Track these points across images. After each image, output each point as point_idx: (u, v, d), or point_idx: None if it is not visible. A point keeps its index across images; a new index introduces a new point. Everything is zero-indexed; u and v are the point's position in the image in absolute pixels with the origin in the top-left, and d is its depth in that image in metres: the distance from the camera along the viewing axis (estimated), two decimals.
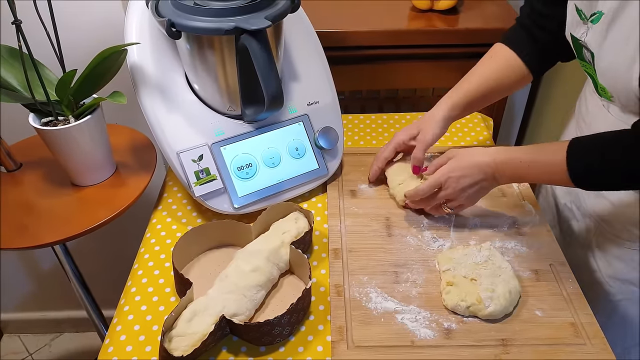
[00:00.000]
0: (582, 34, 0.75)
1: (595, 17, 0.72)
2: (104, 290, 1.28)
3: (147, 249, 0.87)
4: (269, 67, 0.77)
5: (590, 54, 0.75)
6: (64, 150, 0.88)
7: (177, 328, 0.68)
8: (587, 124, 0.87)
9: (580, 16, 0.75)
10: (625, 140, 0.69)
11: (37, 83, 0.83)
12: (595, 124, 0.85)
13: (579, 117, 0.92)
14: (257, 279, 0.75)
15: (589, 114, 0.87)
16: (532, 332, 0.71)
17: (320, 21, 1.04)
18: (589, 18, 0.73)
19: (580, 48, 0.78)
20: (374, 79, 1.27)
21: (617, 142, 0.70)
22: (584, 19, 0.74)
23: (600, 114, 0.83)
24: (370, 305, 0.75)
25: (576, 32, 0.77)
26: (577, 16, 0.76)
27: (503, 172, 0.78)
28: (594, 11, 0.72)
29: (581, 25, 0.75)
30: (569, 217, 0.95)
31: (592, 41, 0.73)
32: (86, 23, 1.07)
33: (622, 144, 0.69)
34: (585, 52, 0.77)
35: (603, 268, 0.87)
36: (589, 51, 0.75)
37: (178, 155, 0.85)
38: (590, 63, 0.76)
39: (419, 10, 1.27)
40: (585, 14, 0.74)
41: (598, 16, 0.71)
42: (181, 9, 0.79)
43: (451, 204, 0.84)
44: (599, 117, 0.83)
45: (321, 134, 0.94)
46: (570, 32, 0.79)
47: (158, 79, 0.86)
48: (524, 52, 0.88)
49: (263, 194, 0.90)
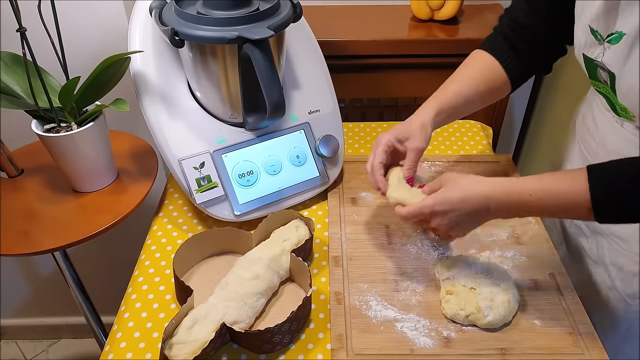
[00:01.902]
0: (597, 55, 0.73)
1: (614, 37, 0.69)
2: (103, 297, 1.28)
3: (148, 255, 0.87)
4: (272, 76, 0.78)
5: (609, 75, 0.72)
6: (66, 157, 0.88)
7: (178, 335, 0.68)
8: (598, 141, 0.84)
9: (596, 37, 0.72)
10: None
11: (41, 90, 0.84)
12: (608, 140, 0.82)
13: (584, 133, 0.89)
14: (258, 287, 0.75)
15: (599, 131, 0.84)
16: (530, 341, 0.72)
17: (321, 30, 1.05)
18: (606, 38, 0.70)
19: (595, 68, 0.75)
20: (375, 87, 1.28)
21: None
22: (600, 39, 0.71)
23: (613, 131, 0.80)
24: (370, 313, 0.75)
25: (590, 53, 0.74)
26: (592, 37, 0.72)
27: (503, 204, 0.70)
28: (611, 31, 0.69)
29: (596, 45, 0.72)
30: (577, 234, 0.92)
31: (612, 62, 0.70)
32: (90, 31, 1.08)
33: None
34: (600, 73, 0.74)
35: (620, 286, 0.83)
36: (607, 71, 0.72)
37: (180, 163, 0.85)
38: (607, 84, 0.74)
39: (419, 20, 1.28)
40: (601, 35, 0.71)
41: (617, 36, 0.68)
42: (184, 17, 0.80)
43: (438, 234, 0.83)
44: (611, 134, 0.81)
45: (322, 142, 0.95)
46: (583, 53, 0.76)
47: (161, 87, 0.87)
48: (507, 61, 0.85)
49: (264, 202, 0.90)
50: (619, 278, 0.83)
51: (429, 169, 1.03)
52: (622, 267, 0.82)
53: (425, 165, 1.04)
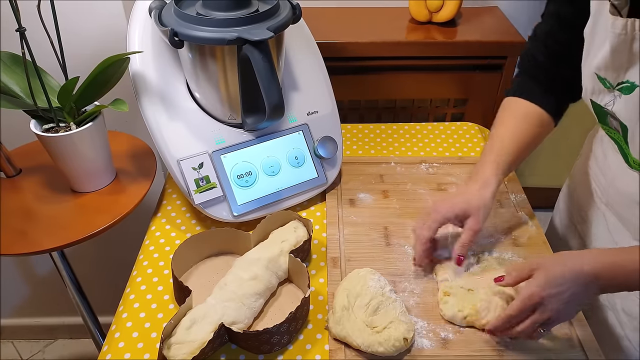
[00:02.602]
0: (607, 103, 0.70)
1: (625, 87, 0.66)
2: (101, 297, 1.28)
3: (146, 256, 0.87)
4: (271, 77, 0.78)
5: (621, 125, 0.70)
6: (64, 157, 0.88)
7: (176, 335, 0.68)
8: (608, 180, 0.82)
9: (605, 85, 0.69)
10: None
11: (40, 90, 0.84)
12: (619, 183, 0.79)
13: (595, 166, 0.87)
14: (256, 287, 0.75)
15: (610, 169, 0.81)
16: (528, 343, 0.72)
17: (320, 32, 1.05)
18: (616, 87, 0.68)
19: (605, 115, 0.73)
20: (373, 89, 1.29)
21: None
22: (609, 87, 0.69)
23: (625, 174, 0.77)
24: None
25: (599, 100, 0.72)
26: (600, 84, 0.70)
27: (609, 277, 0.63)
28: (621, 80, 0.66)
29: (605, 93, 0.70)
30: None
31: (624, 113, 0.67)
32: (89, 31, 1.08)
33: None
34: (610, 120, 0.72)
35: (632, 337, 0.79)
36: (618, 121, 0.70)
37: (178, 163, 0.85)
38: (619, 131, 0.72)
39: (417, 22, 1.28)
40: (610, 83, 0.68)
41: (630, 87, 0.65)
42: (184, 18, 0.80)
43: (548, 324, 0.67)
44: (623, 176, 0.78)
45: (320, 143, 0.95)
46: (591, 99, 0.73)
47: (160, 87, 0.87)
48: (544, 102, 0.83)
49: (262, 202, 0.90)
50: (631, 327, 0.79)
51: (426, 171, 1.04)
52: (636, 316, 0.78)
53: (422, 166, 1.05)
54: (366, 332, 0.69)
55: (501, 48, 1.22)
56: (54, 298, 1.61)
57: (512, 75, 1.25)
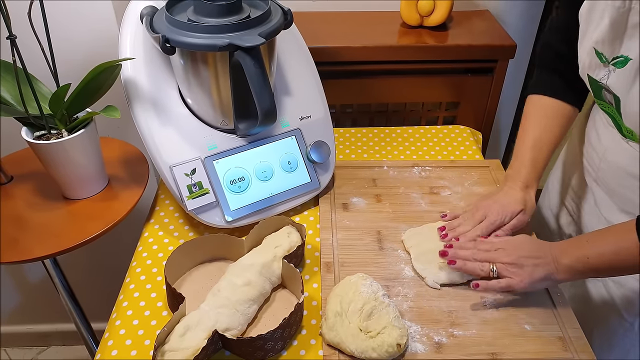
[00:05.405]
0: (602, 77, 0.74)
1: (619, 61, 0.70)
2: (94, 303, 1.27)
3: (139, 262, 0.87)
4: (263, 83, 0.78)
5: (614, 98, 0.73)
6: (56, 164, 0.88)
7: (170, 343, 0.68)
8: (600, 155, 0.86)
9: (601, 59, 0.73)
10: None
11: (31, 97, 0.83)
12: (611, 156, 0.83)
13: (587, 145, 0.91)
14: (250, 293, 0.75)
15: (602, 145, 0.85)
16: (521, 346, 0.72)
17: (312, 37, 1.06)
18: (611, 61, 0.71)
19: (600, 89, 0.76)
20: (365, 93, 1.29)
21: None
22: (604, 61, 0.73)
23: (617, 147, 0.81)
24: None
25: (595, 74, 0.76)
26: (597, 58, 0.74)
27: (565, 251, 0.73)
28: (616, 54, 0.70)
29: (601, 67, 0.74)
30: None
31: (617, 86, 0.72)
32: (80, 36, 1.07)
33: None
34: (605, 94, 0.76)
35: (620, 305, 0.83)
36: (612, 94, 0.74)
37: (171, 169, 0.85)
38: (612, 105, 0.76)
39: (408, 26, 1.29)
40: (606, 57, 0.72)
41: (623, 61, 0.69)
42: (175, 25, 0.80)
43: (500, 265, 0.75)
44: (615, 149, 0.82)
45: (313, 147, 0.95)
46: (588, 74, 0.77)
47: (152, 93, 0.87)
48: (567, 96, 0.87)
49: (255, 208, 0.90)
50: (618, 295, 0.82)
51: (419, 174, 1.04)
52: (623, 284, 0.81)
53: (415, 170, 1.05)
54: (360, 338, 0.70)
55: (492, 51, 1.22)
56: (47, 305, 1.60)
57: (503, 79, 1.26)
